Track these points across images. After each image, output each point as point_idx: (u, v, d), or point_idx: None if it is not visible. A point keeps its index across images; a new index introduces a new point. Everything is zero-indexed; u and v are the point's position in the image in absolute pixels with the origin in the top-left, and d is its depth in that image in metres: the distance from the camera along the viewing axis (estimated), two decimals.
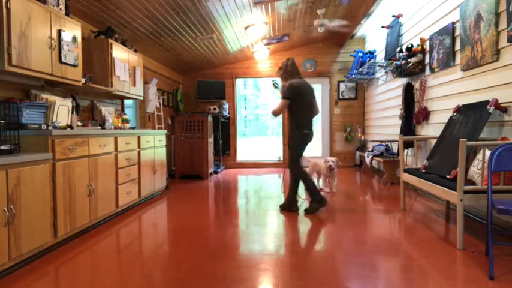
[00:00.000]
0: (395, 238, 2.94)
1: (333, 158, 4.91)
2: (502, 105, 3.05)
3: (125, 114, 4.89)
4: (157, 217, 3.81)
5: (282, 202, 4.23)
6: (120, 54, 4.35)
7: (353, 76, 7.35)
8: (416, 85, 4.99)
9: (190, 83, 8.35)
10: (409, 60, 4.82)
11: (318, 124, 8.47)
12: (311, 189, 3.85)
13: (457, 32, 3.87)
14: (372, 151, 6.26)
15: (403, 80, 5.51)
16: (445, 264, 2.37)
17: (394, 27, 5.74)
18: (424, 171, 3.51)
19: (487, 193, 2.51)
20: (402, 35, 5.51)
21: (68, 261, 2.54)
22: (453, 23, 3.93)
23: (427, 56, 4.63)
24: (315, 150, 8.52)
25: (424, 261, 2.42)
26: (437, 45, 4.29)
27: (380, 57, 6.71)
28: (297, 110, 3.87)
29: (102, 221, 3.56)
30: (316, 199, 3.84)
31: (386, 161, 5.55)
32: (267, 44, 7.32)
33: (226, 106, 8.08)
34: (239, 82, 8.76)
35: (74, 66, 3.38)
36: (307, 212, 3.83)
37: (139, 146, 4.38)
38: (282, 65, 4.03)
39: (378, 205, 4.18)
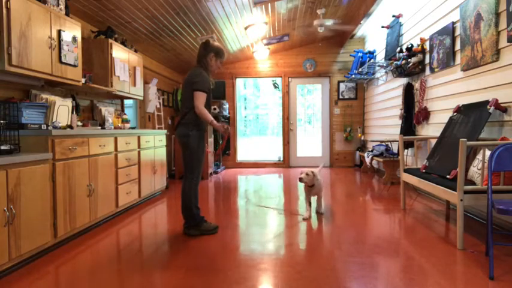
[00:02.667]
0: (395, 238, 2.94)
1: (308, 170, 3.60)
2: (502, 105, 3.06)
3: (125, 114, 4.89)
4: (157, 217, 3.81)
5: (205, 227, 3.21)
6: (120, 54, 4.35)
7: (353, 76, 7.35)
8: (416, 85, 4.99)
9: None
10: (409, 60, 4.82)
11: (318, 124, 8.48)
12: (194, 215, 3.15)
13: (457, 32, 3.87)
14: (372, 151, 6.26)
15: (403, 80, 5.51)
16: (445, 264, 2.37)
17: (394, 27, 5.74)
18: (424, 171, 3.51)
19: (487, 193, 2.51)
20: (402, 35, 5.51)
21: (68, 261, 2.54)
22: (453, 23, 3.93)
23: (427, 56, 4.63)
24: (315, 150, 8.53)
25: (424, 261, 2.42)
26: (437, 45, 4.29)
27: (380, 57, 6.71)
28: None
29: (102, 221, 3.56)
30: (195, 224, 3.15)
31: (386, 161, 5.55)
32: (267, 44, 7.32)
33: (226, 106, 8.08)
34: (239, 82, 8.76)
35: (74, 66, 3.38)
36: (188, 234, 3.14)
37: (139, 146, 4.38)
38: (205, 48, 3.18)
39: (378, 205, 4.18)
